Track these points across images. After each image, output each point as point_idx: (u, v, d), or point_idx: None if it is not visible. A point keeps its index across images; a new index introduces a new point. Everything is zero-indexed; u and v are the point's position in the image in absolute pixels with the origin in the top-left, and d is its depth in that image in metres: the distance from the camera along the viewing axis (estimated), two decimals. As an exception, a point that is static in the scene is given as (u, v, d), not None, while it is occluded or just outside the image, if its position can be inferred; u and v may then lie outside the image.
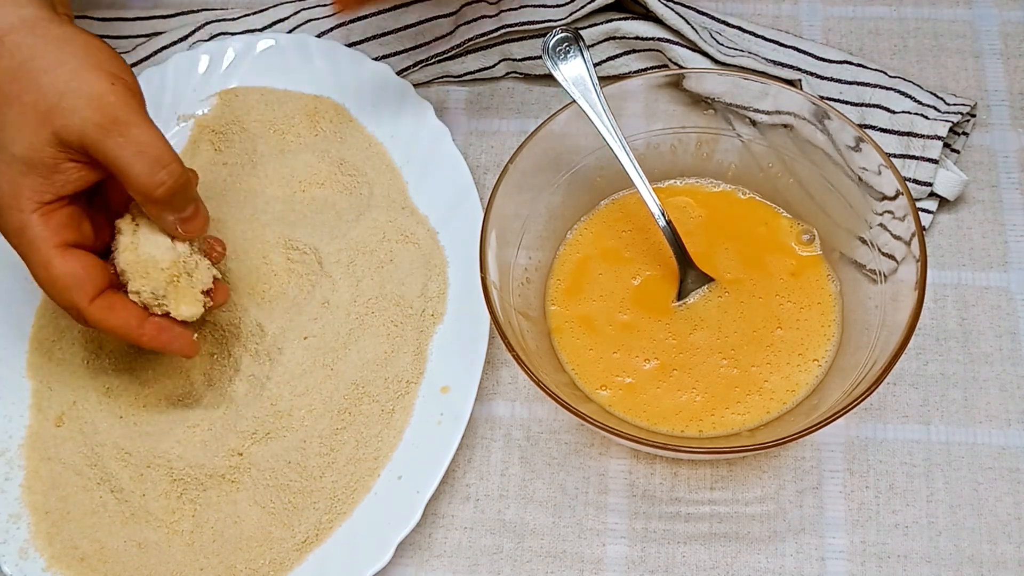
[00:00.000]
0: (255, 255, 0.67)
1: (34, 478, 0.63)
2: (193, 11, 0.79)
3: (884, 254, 0.60)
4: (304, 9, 0.77)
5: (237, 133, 0.72)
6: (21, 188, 0.56)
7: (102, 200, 0.62)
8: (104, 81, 0.56)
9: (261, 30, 0.78)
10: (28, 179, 0.56)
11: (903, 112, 0.68)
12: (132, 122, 0.56)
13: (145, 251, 0.59)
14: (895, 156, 0.67)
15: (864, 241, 0.61)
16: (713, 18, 0.75)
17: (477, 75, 0.76)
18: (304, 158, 0.71)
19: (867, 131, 0.68)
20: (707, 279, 0.64)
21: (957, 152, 0.70)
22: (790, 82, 0.70)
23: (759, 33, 0.74)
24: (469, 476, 0.63)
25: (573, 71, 0.62)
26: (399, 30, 0.75)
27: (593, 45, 0.74)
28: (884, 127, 0.68)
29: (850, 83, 0.71)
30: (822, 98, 0.66)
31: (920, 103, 0.69)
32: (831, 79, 0.71)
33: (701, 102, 0.66)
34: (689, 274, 0.63)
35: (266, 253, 0.67)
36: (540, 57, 0.73)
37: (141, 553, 0.60)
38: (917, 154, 0.67)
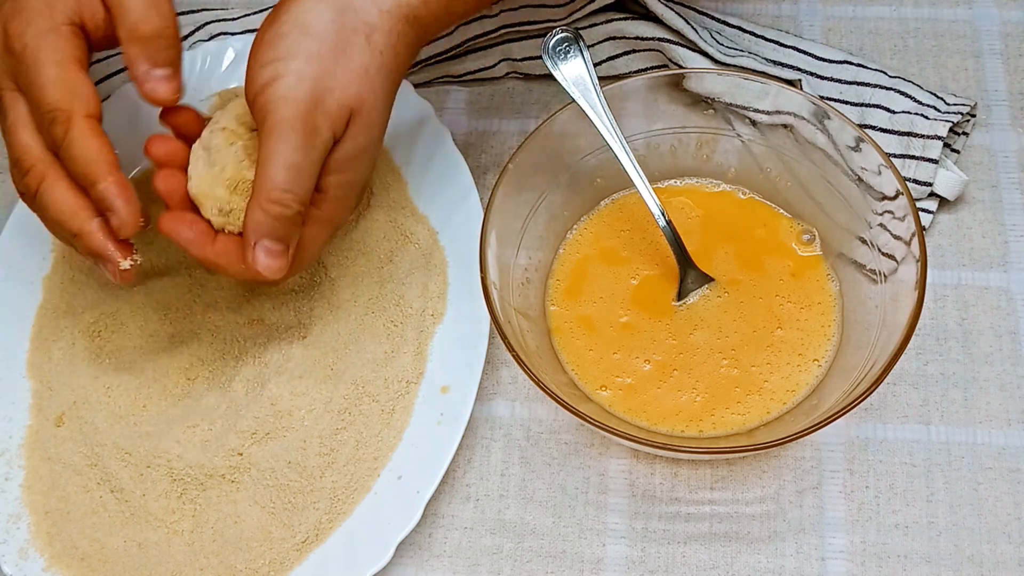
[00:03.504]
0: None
1: (34, 478, 0.63)
2: (193, 11, 0.79)
3: (884, 254, 0.60)
4: (304, 9, 0.77)
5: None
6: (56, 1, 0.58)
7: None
8: None
9: (261, 30, 0.77)
10: None
11: (903, 112, 0.68)
12: None
13: (214, 169, 0.59)
14: (895, 156, 0.67)
15: (864, 241, 0.61)
16: (713, 18, 0.75)
17: (477, 75, 0.76)
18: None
19: (867, 131, 0.68)
20: (707, 279, 0.64)
21: (957, 152, 0.70)
22: (790, 82, 0.70)
23: (759, 33, 0.74)
24: (469, 476, 0.63)
25: (573, 71, 0.62)
26: (399, 30, 0.75)
27: (593, 45, 0.74)
28: (884, 127, 0.68)
29: (850, 83, 0.71)
30: (822, 98, 0.66)
31: (920, 103, 0.69)
32: (831, 79, 0.71)
33: (701, 102, 0.66)
34: (689, 274, 0.63)
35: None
36: (540, 57, 0.73)
37: (141, 553, 0.60)
38: (917, 154, 0.67)
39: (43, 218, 0.58)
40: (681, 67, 0.71)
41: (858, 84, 0.70)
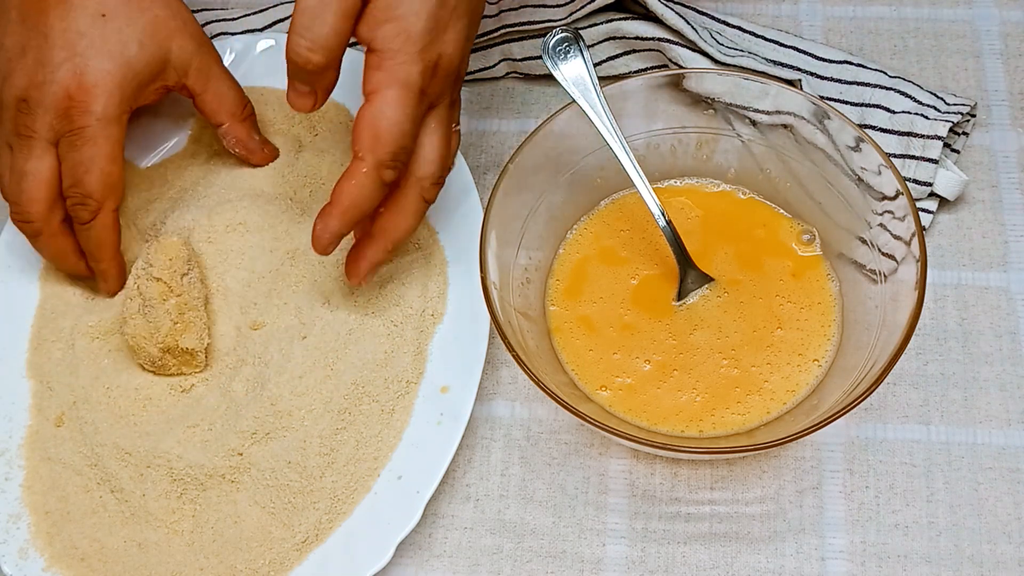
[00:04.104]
0: (255, 255, 0.67)
1: (34, 478, 0.63)
2: (193, 11, 0.79)
3: (884, 254, 0.60)
4: (304, 9, 0.77)
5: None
6: (126, 86, 0.63)
7: None
8: (198, 23, 0.68)
9: (261, 30, 0.78)
10: (133, 81, 0.64)
11: (903, 112, 0.68)
12: (222, 61, 0.69)
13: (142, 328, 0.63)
14: (895, 156, 0.67)
15: (864, 241, 0.61)
16: (713, 18, 0.75)
17: (477, 75, 0.76)
18: (304, 158, 0.71)
19: (867, 131, 0.68)
20: (707, 279, 0.64)
21: (957, 152, 0.70)
22: (790, 82, 0.70)
23: (759, 33, 0.74)
24: (469, 476, 0.63)
25: (573, 71, 0.62)
26: (399, 30, 0.75)
27: (593, 45, 0.74)
28: (884, 127, 0.68)
29: (850, 83, 0.71)
30: (822, 98, 0.66)
31: (920, 103, 0.69)
32: (831, 79, 0.71)
33: (701, 102, 0.66)
34: (689, 274, 0.63)
35: (266, 252, 0.67)
36: (540, 57, 0.73)
37: (141, 553, 0.60)
38: (917, 154, 0.67)
39: (35, 248, 0.67)
40: (681, 67, 0.71)
41: (858, 84, 0.70)
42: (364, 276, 0.63)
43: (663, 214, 0.62)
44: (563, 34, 0.62)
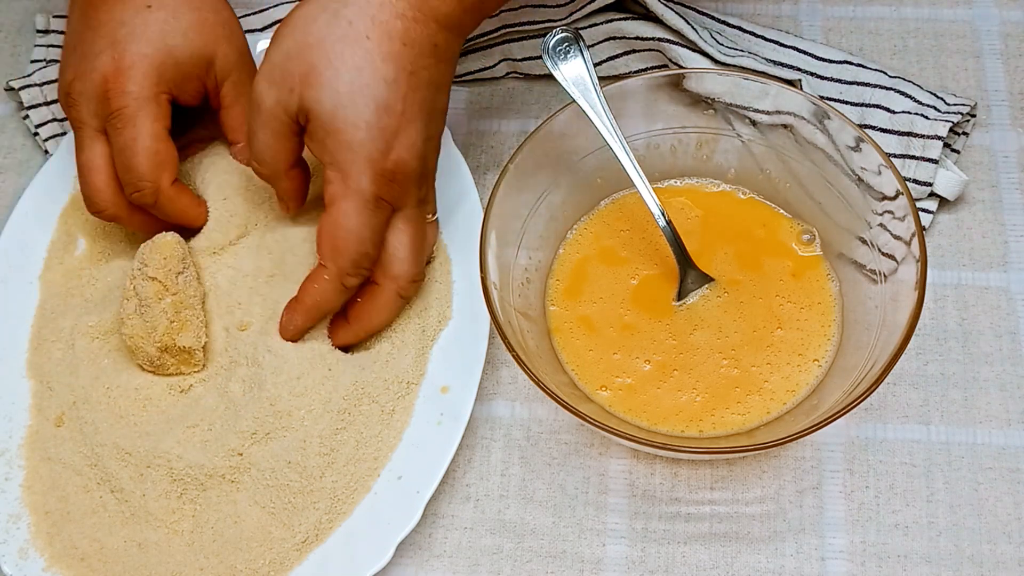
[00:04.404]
0: (255, 255, 0.67)
1: (34, 478, 0.63)
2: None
3: (884, 254, 0.60)
4: (304, 9, 0.77)
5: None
6: (164, 68, 0.63)
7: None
8: (247, 41, 0.68)
9: (261, 30, 0.78)
10: (172, 67, 0.64)
11: (903, 112, 0.68)
12: None
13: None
14: (895, 156, 0.67)
15: (864, 241, 0.61)
16: (713, 18, 0.75)
17: (477, 75, 0.76)
18: (308, 156, 0.71)
19: (867, 131, 0.68)
20: (707, 279, 0.64)
21: (957, 152, 0.70)
22: (790, 82, 0.70)
23: (759, 33, 0.74)
24: (469, 476, 0.63)
25: (573, 71, 0.62)
26: (399, 30, 0.75)
27: (593, 45, 0.74)
28: (884, 127, 0.68)
29: (850, 83, 0.71)
30: (822, 98, 0.66)
31: (920, 103, 0.69)
32: (831, 79, 0.71)
33: (701, 102, 0.66)
34: (689, 274, 0.63)
35: (269, 251, 0.67)
36: (540, 57, 0.73)
37: (141, 553, 0.60)
38: (917, 154, 0.67)
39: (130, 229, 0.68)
40: (681, 67, 0.71)
41: (858, 84, 0.70)
42: (338, 344, 0.64)
43: (663, 214, 0.62)
44: (563, 34, 0.63)
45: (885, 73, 0.71)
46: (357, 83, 0.57)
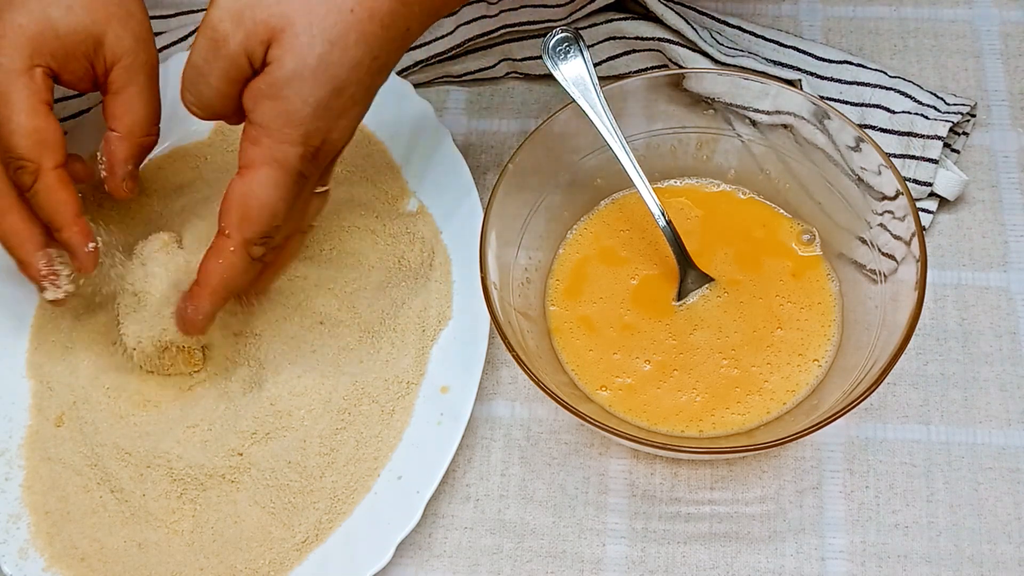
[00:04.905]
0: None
1: (34, 478, 0.63)
2: (193, 11, 0.79)
3: (884, 254, 0.60)
4: (304, 9, 0.77)
5: (236, 133, 0.72)
6: (41, 41, 0.59)
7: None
8: (151, 31, 0.63)
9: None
10: (52, 40, 0.59)
11: (903, 112, 0.68)
12: (156, 76, 0.63)
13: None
14: (895, 156, 0.67)
15: (864, 241, 0.61)
16: (713, 18, 0.75)
17: (477, 75, 0.76)
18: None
19: (867, 131, 0.68)
20: (707, 279, 0.64)
21: (957, 152, 0.70)
22: (790, 82, 0.70)
23: (759, 33, 0.74)
24: (469, 476, 0.63)
25: (573, 71, 0.62)
26: (399, 30, 0.75)
27: (593, 45, 0.74)
28: (884, 127, 0.68)
29: (850, 83, 0.71)
30: (822, 98, 0.66)
31: (920, 103, 0.69)
32: (831, 79, 0.71)
33: (701, 102, 0.66)
34: (689, 274, 0.63)
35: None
36: (540, 57, 0.73)
37: (141, 553, 0.60)
38: (917, 154, 0.67)
39: None
40: (681, 67, 0.71)
41: (858, 84, 0.70)
42: (198, 328, 0.60)
43: (663, 214, 0.62)
44: (563, 34, 0.63)
45: (885, 73, 0.71)
46: (325, 59, 0.53)
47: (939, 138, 0.67)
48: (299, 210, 0.58)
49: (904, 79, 0.70)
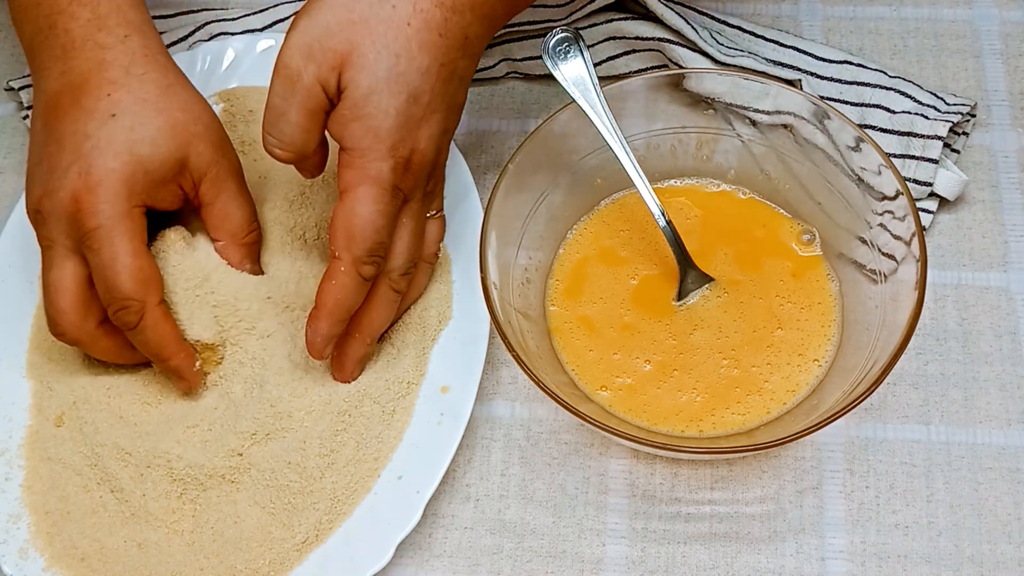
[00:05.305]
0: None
1: (34, 478, 0.63)
2: (193, 11, 0.79)
3: (884, 254, 0.60)
4: (304, 9, 0.77)
5: (237, 133, 0.72)
6: (134, 182, 0.60)
7: None
8: (225, 131, 0.65)
9: (261, 30, 0.78)
10: (143, 178, 0.61)
11: (903, 112, 0.68)
12: (242, 177, 0.66)
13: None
14: (895, 156, 0.67)
15: (864, 241, 0.61)
16: (713, 18, 0.75)
17: (477, 75, 0.76)
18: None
19: (867, 131, 0.68)
20: (707, 279, 0.64)
21: (957, 152, 0.70)
22: (790, 82, 0.70)
23: (759, 33, 0.74)
24: (469, 476, 0.63)
25: (573, 71, 0.62)
26: (399, 30, 0.75)
27: (593, 45, 0.74)
28: (884, 127, 0.68)
29: (850, 83, 0.71)
30: (822, 98, 0.66)
31: (920, 103, 0.69)
32: (831, 79, 0.71)
33: (701, 102, 0.66)
34: (689, 274, 0.63)
35: (268, 254, 0.67)
36: (540, 57, 0.73)
37: (141, 553, 0.60)
38: (917, 154, 0.67)
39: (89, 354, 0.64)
40: (681, 67, 0.71)
41: (858, 84, 0.70)
42: (350, 372, 0.63)
43: (663, 214, 0.62)
44: (563, 34, 0.63)
45: (885, 73, 0.71)
46: (395, 70, 0.56)
47: (939, 138, 0.67)
48: (416, 236, 0.61)
49: (904, 79, 0.70)
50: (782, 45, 0.73)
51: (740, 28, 0.74)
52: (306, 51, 0.57)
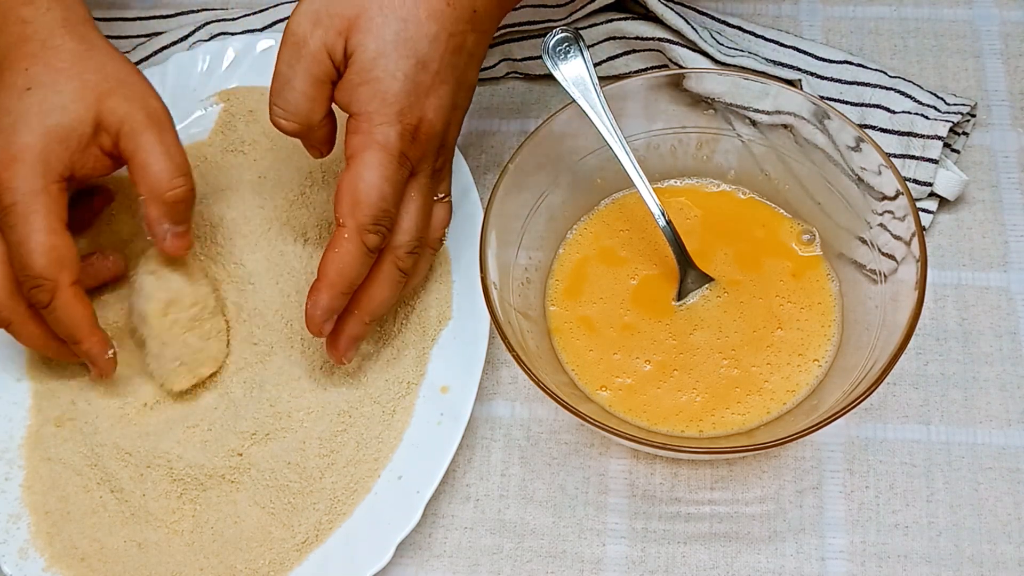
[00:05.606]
0: (256, 255, 0.67)
1: (34, 478, 0.63)
2: (193, 11, 0.79)
3: (884, 254, 0.60)
4: (304, 9, 0.77)
5: (237, 133, 0.72)
6: (49, 155, 0.59)
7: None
8: (150, 86, 0.63)
9: (261, 30, 0.78)
10: (59, 148, 0.59)
11: (903, 112, 0.68)
12: (167, 127, 0.62)
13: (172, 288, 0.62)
14: (895, 156, 0.67)
15: (864, 241, 0.61)
16: (713, 18, 0.75)
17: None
18: (305, 159, 0.71)
19: (867, 131, 0.68)
20: (707, 279, 0.64)
21: (957, 152, 0.70)
22: (790, 82, 0.70)
23: (759, 33, 0.74)
24: (469, 476, 0.63)
25: (573, 71, 0.62)
26: (399, 30, 0.75)
27: (593, 45, 0.74)
28: (884, 127, 0.68)
29: (850, 83, 0.71)
30: (822, 98, 0.66)
31: (920, 103, 0.69)
32: (831, 79, 0.71)
33: (701, 102, 0.66)
34: (689, 274, 0.63)
35: (267, 254, 0.67)
36: (540, 57, 0.73)
37: (141, 553, 0.60)
38: (917, 154, 0.67)
39: (14, 337, 0.62)
40: (681, 67, 0.71)
41: (858, 84, 0.70)
42: (344, 352, 0.61)
43: (663, 214, 0.62)
44: (563, 34, 0.63)
45: (885, 73, 0.71)
46: (403, 34, 0.56)
47: (939, 138, 0.67)
48: (424, 213, 0.60)
49: (904, 79, 0.70)
50: (782, 45, 0.73)
51: (740, 28, 0.74)
52: (313, 17, 0.56)
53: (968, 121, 0.71)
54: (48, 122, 0.59)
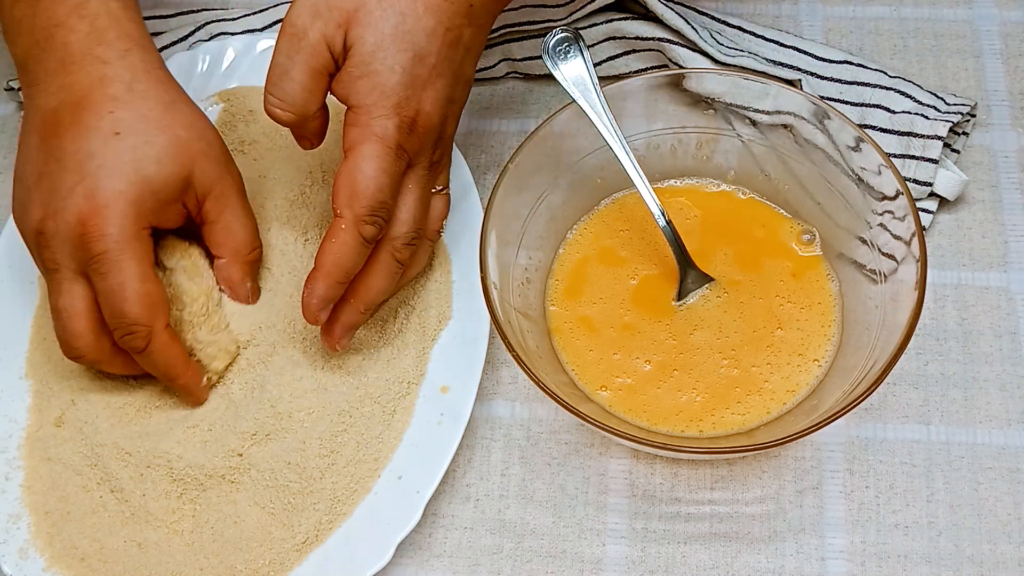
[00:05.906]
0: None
1: (34, 478, 0.63)
2: (193, 11, 0.79)
3: (884, 254, 0.60)
4: (304, 9, 0.77)
5: (237, 133, 0.72)
6: (142, 204, 0.59)
7: None
8: (225, 146, 0.64)
9: (261, 30, 0.78)
10: (151, 200, 0.60)
11: (903, 112, 0.68)
12: (244, 192, 0.65)
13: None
14: (895, 156, 0.67)
15: (864, 241, 0.61)
16: (713, 18, 0.75)
17: (477, 75, 0.76)
18: (305, 158, 0.71)
19: (867, 131, 0.68)
20: (707, 279, 0.64)
21: (957, 152, 0.70)
22: (790, 82, 0.70)
23: (759, 33, 0.74)
24: (469, 476, 0.63)
25: (573, 71, 0.62)
26: (399, 30, 0.75)
27: (593, 45, 0.74)
28: (884, 127, 0.68)
29: (850, 83, 0.71)
30: (822, 98, 0.66)
31: (920, 103, 0.69)
32: (831, 79, 0.71)
33: (701, 102, 0.66)
34: (689, 274, 0.63)
35: (267, 253, 0.67)
36: (540, 57, 0.73)
37: (141, 553, 0.60)
38: (917, 154, 0.67)
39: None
40: (681, 67, 0.71)
41: (858, 84, 0.70)
42: (339, 339, 0.61)
43: (663, 214, 0.62)
44: (563, 34, 0.63)
45: (885, 73, 0.71)
46: (400, 28, 0.57)
47: (939, 138, 0.67)
48: (422, 205, 0.61)
49: (904, 79, 0.70)
50: (782, 45, 0.73)
51: (740, 28, 0.74)
52: (313, 9, 0.57)
53: (968, 121, 0.71)
54: (142, 171, 0.59)
